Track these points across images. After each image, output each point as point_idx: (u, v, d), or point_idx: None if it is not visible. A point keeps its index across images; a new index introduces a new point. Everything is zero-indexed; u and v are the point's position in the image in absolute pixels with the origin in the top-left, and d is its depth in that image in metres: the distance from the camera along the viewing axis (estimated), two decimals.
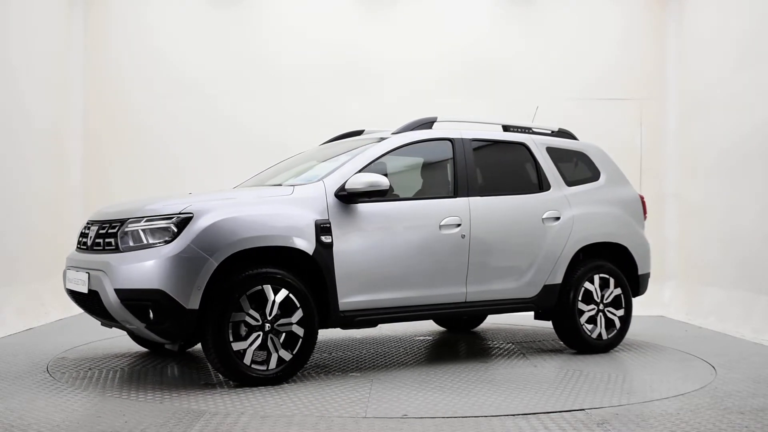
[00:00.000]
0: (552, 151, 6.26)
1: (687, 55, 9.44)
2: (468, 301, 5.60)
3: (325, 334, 6.96)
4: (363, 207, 5.19)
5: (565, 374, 5.29)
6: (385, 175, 5.45)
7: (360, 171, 5.26)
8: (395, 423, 3.96)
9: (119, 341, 6.54)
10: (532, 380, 5.08)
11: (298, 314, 4.84)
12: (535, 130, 6.39)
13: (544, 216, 5.93)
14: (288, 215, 4.91)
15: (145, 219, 4.72)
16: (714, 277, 8.41)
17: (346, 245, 5.06)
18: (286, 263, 4.96)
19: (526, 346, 6.48)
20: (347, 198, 5.13)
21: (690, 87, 9.32)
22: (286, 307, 4.84)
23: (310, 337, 4.90)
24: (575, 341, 6.07)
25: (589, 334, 6.04)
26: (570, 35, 9.75)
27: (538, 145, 6.20)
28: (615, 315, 6.19)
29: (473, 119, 6.36)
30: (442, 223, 5.46)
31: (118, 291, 4.59)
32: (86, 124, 9.33)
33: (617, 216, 6.35)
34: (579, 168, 6.45)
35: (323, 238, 4.97)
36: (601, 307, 6.12)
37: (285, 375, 4.85)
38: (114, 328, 5.22)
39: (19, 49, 7.85)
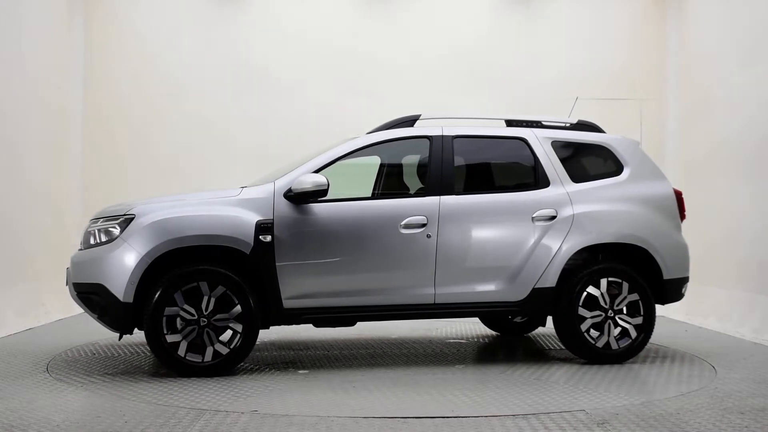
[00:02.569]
0: (559, 145, 5.81)
1: (687, 55, 9.43)
2: (437, 303, 5.41)
3: (343, 334, 6.94)
4: (317, 207, 5.24)
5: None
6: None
7: (318, 171, 5.29)
8: (395, 423, 3.96)
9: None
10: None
11: (237, 310, 5.03)
12: (545, 123, 5.94)
13: (534, 215, 5.54)
14: (226, 216, 5.11)
15: (102, 219, 5.22)
16: (714, 277, 8.40)
17: (291, 244, 5.14)
18: (233, 262, 5.15)
19: (542, 352, 6.43)
20: (296, 198, 5.19)
21: (690, 87, 9.31)
22: (225, 303, 5.04)
23: (250, 333, 5.06)
24: (578, 350, 5.61)
25: (593, 342, 5.55)
26: (570, 35, 9.74)
27: (540, 140, 5.76)
28: (629, 323, 5.60)
29: (468, 116, 6.17)
30: (403, 223, 5.34)
31: (74, 285, 5.22)
32: (87, 125, 9.30)
33: (637, 214, 5.73)
34: (596, 162, 5.96)
35: (262, 238, 5.08)
36: (610, 313, 5.58)
37: (222, 367, 5.06)
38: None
39: (19, 50, 7.84)
